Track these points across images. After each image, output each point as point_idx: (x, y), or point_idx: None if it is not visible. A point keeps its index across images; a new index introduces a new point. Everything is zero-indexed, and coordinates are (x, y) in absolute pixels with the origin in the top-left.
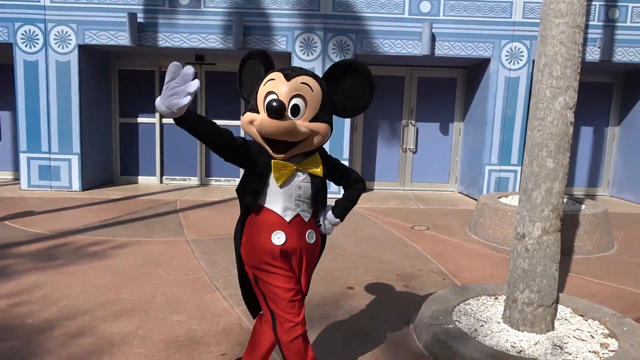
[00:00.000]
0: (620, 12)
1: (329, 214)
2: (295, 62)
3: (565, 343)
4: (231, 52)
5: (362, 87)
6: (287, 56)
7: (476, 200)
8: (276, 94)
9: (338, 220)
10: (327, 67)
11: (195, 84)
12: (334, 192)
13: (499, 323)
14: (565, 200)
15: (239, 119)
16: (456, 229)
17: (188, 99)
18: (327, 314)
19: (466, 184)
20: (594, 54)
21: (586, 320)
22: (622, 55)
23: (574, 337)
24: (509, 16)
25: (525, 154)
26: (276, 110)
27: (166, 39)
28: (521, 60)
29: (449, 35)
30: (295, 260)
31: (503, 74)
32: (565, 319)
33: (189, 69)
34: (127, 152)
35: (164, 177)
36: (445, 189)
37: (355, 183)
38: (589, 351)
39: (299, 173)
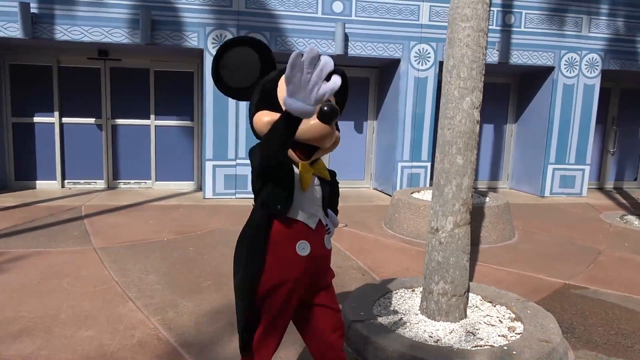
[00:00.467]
0: (515, 18)
1: (333, 216)
2: (208, 60)
3: (477, 329)
4: (138, 48)
5: (344, 96)
6: (199, 53)
7: (390, 196)
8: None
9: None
10: None
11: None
12: None
13: (417, 314)
14: (472, 194)
15: (148, 118)
16: (373, 224)
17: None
18: None
19: (380, 180)
20: (493, 56)
21: (494, 306)
22: (518, 58)
23: (485, 323)
24: (417, 19)
25: (437, 152)
26: (332, 117)
27: (64, 32)
28: (428, 61)
29: (361, 36)
30: (317, 274)
31: (412, 74)
32: (476, 306)
33: (314, 51)
34: (23, 155)
35: (65, 181)
36: (361, 185)
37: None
38: (498, 335)
39: (314, 176)
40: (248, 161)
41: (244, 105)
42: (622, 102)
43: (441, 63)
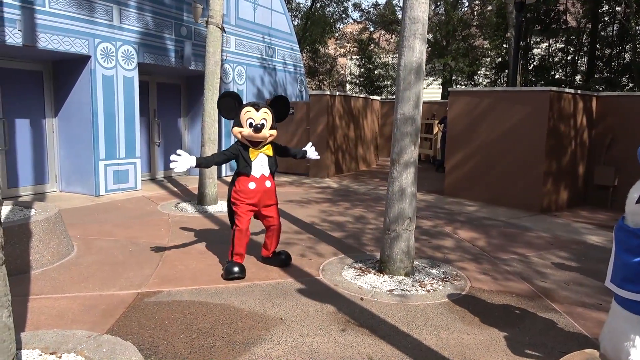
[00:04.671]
0: None
1: (299, 151)
2: None
3: None
4: None
5: (285, 108)
6: None
7: None
8: (253, 119)
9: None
10: None
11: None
12: None
13: None
14: (10, 207)
15: None
16: None
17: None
18: None
19: None
20: (15, 37)
21: (60, 358)
22: (47, 42)
23: None
24: None
25: None
26: (260, 128)
27: None
28: None
29: None
30: (259, 196)
31: None
32: None
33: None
34: None
35: None
36: None
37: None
38: None
39: (260, 154)
40: None
41: None
42: (159, 95)
43: None
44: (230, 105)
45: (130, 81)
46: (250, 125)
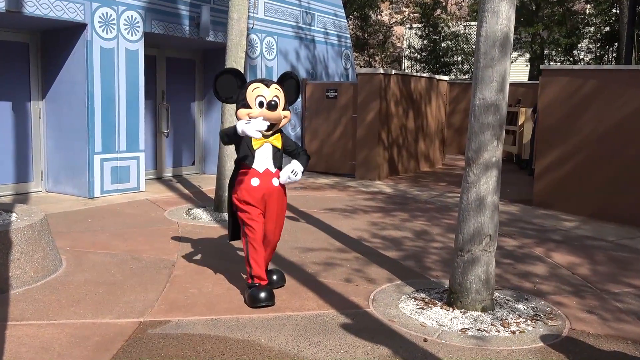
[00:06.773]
0: None
1: (295, 163)
2: None
3: None
4: None
5: (295, 87)
6: None
7: None
8: (264, 96)
9: (296, 166)
10: None
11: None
12: None
13: None
14: None
15: None
16: None
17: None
18: None
19: None
20: None
21: None
22: (35, 7)
23: None
24: None
25: None
26: (274, 106)
27: None
28: None
29: None
30: (264, 198)
31: None
32: None
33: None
34: None
35: None
36: None
37: (299, 153)
38: None
39: (266, 143)
40: None
41: None
42: (170, 73)
43: None
44: (230, 83)
45: (134, 55)
46: (261, 104)
